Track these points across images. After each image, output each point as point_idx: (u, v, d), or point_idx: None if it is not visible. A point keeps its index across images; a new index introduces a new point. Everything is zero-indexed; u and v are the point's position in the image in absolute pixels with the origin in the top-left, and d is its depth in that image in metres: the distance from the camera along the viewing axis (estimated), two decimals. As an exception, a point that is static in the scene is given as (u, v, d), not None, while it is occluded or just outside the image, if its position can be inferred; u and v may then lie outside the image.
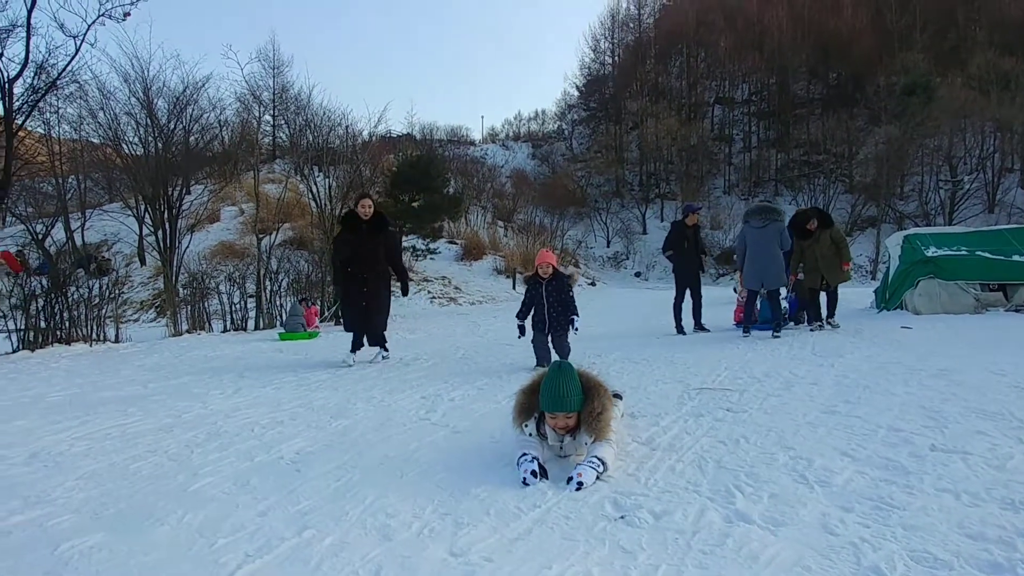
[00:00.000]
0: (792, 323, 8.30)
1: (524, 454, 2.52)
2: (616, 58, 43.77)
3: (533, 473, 2.40)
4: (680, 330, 8.00)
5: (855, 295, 7.30)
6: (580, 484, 2.31)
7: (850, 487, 2.22)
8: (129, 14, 7.47)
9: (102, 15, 7.44)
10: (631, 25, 44.22)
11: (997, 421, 2.99)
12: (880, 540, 1.78)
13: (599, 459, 2.43)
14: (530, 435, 2.64)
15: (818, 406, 3.50)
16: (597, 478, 2.37)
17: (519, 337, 5.68)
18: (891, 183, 29.95)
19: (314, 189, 18.66)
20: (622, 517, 2.03)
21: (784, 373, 4.62)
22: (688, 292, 8.23)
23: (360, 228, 6.05)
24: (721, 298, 15.15)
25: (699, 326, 8.14)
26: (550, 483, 2.35)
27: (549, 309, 5.37)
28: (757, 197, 33.15)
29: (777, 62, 37.32)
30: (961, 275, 9.34)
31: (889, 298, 10.00)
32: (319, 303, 11.87)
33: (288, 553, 1.85)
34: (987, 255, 9.57)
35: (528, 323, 5.55)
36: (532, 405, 2.67)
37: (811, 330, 7.43)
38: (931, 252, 9.69)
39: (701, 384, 4.34)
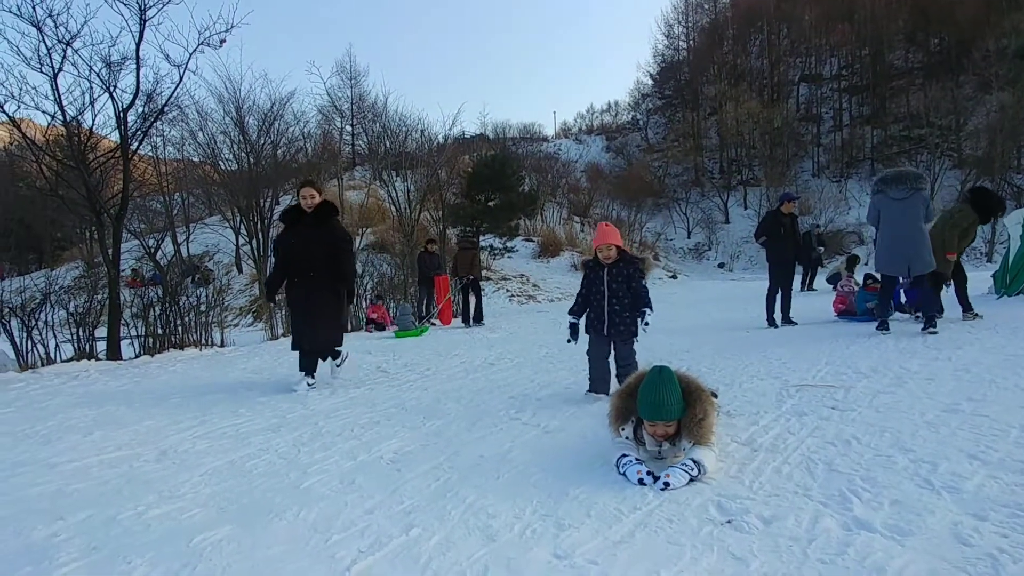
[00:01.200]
0: (913, 316, 7.25)
1: (625, 455, 2.49)
2: (691, 42, 42.41)
3: (650, 474, 2.35)
4: (772, 323, 7.66)
5: (970, 280, 6.67)
6: (666, 484, 2.27)
7: (982, 493, 2.05)
8: (224, 40, 7.99)
9: (201, 43, 8.00)
10: (706, 6, 42.71)
11: None
12: (1021, 551, 1.64)
13: (695, 462, 2.37)
14: (627, 439, 2.61)
15: (938, 404, 3.25)
16: (690, 481, 2.31)
17: (569, 341, 4.37)
18: (1006, 155, 27.30)
19: (393, 194, 19.36)
20: (729, 521, 1.97)
21: (894, 368, 4.32)
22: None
23: (300, 223, 5.11)
24: (816, 287, 14.38)
25: (787, 319, 7.76)
26: (649, 485, 2.32)
27: (611, 301, 4.10)
28: (852, 177, 31.18)
29: (870, 31, 34.87)
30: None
31: (1011, 283, 9.12)
32: (391, 305, 12.26)
33: (398, 550, 1.93)
34: None
35: (583, 324, 4.31)
36: (629, 409, 2.62)
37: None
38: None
39: (801, 380, 4.14)
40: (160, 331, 8.52)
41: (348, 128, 32.19)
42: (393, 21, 78.52)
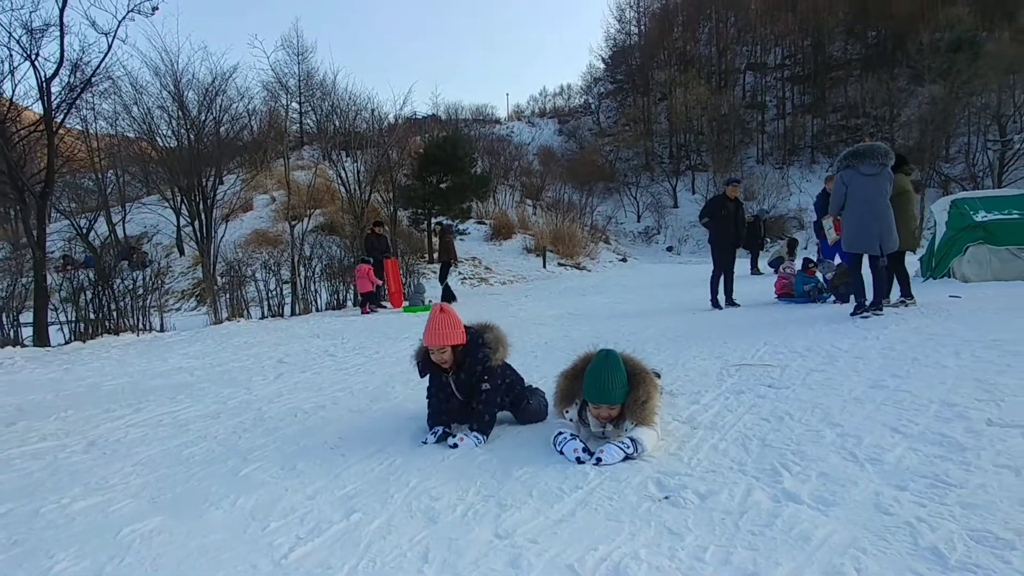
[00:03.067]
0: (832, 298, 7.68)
1: (560, 432, 2.54)
2: (642, 27, 42.70)
3: (586, 450, 2.41)
4: (716, 304, 7.90)
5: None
6: (599, 460, 2.33)
7: (903, 465, 2.16)
8: (157, 8, 7.55)
9: (131, 10, 7.55)
10: (657, -8, 42.98)
11: (1058, 393, 2.86)
12: (938, 519, 1.73)
13: (632, 440, 2.41)
14: (570, 420, 2.64)
15: (865, 381, 3.40)
16: (625, 458, 2.36)
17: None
18: (936, 145, 28.70)
19: (343, 174, 18.87)
20: (666, 498, 2.01)
21: (826, 347, 4.50)
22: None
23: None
24: (761, 271, 14.87)
25: (731, 301, 7.99)
26: (593, 464, 2.35)
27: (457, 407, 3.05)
28: (794, 164, 32.21)
29: (812, 23, 35.89)
30: (1013, 240, 8.92)
31: (936, 266, 9.64)
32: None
33: (338, 536, 1.90)
34: (1041, 218, 9.13)
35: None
36: (574, 391, 2.66)
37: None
38: (980, 217, 9.28)
39: (740, 360, 4.27)
40: (92, 316, 8.10)
41: (295, 106, 31.16)
42: (342, -5, 75.93)
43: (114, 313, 8.41)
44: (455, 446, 2.68)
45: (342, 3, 77.01)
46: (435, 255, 12.43)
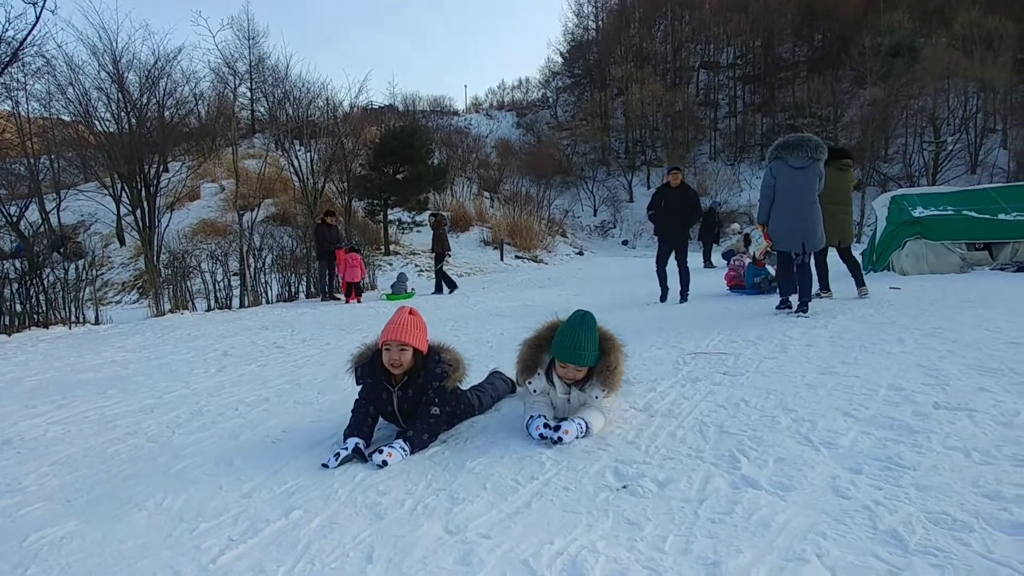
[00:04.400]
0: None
1: (532, 417, 2.48)
2: (600, 23, 42.98)
3: (547, 426, 2.39)
4: (664, 294, 7.61)
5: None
6: (560, 439, 2.34)
7: (857, 448, 2.15)
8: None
9: (62, -21, 7.00)
10: (614, -12, 43.30)
11: (998, 377, 2.93)
12: (895, 502, 1.70)
13: (584, 421, 2.43)
14: (534, 391, 2.57)
15: (816, 367, 3.43)
16: (577, 438, 2.38)
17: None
18: (876, 145, 29.89)
19: (295, 163, 18.28)
20: (624, 487, 1.94)
21: (778, 336, 4.55)
22: (674, 257, 7.61)
23: None
24: (713, 264, 15.14)
25: (684, 298, 7.52)
26: (550, 454, 2.26)
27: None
28: (745, 161, 33.03)
29: (763, 24, 36.82)
30: (948, 235, 9.33)
31: (876, 260, 10.00)
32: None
33: (274, 536, 1.75)
34: (973, 214, 9.56)
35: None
36: (537, 360, 2.60)
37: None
38: (918, 212, 9.66)
39: (695, 349, 4.26)
40: (19, 308, 7.56)
41: (245, 91, 30.06)
42: (295, -20, 73.55)
43: (44, 305, 7.87)
44: (384, 464, 2.23)
45: (295, -11, 74.67)
46: (431, 246, 13.02)
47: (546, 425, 2.39)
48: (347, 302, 10.92)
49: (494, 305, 8.91)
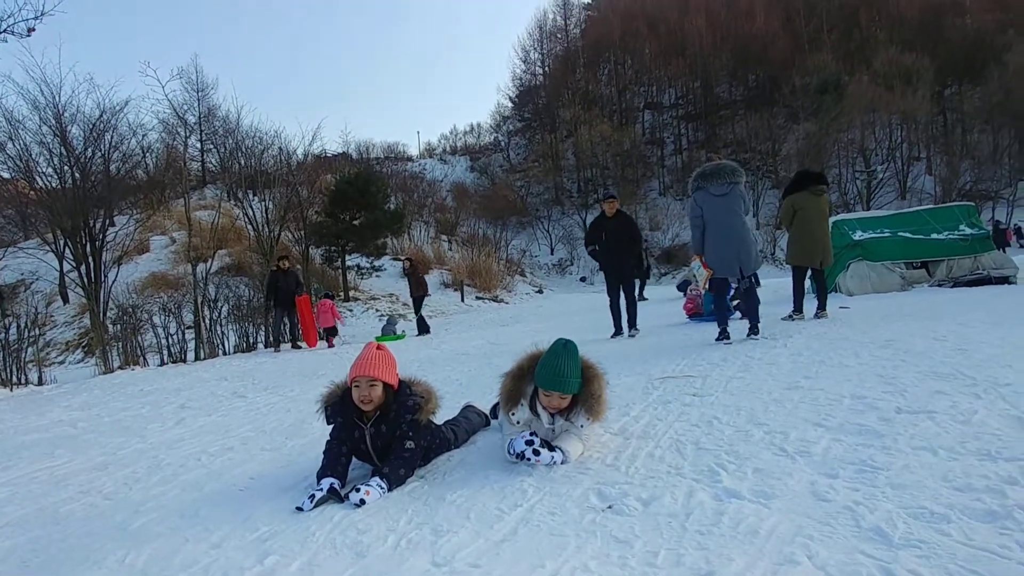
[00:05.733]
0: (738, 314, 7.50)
1: (511, 439, 2.45)
2: (547, 68, 44.58)
3: (533, 433, 2.40)
4: (618, 330, 7.29)
5: (787, 282, 7.49)
6: (536, 452, 2.36)
7: (830, 454, 2.20)
8: (34, 29, 6.89)
9: (3, 31, 6.85)
10: (558, 36, 45.22)
11: (951, 381, 3.06)
12: (873, 501, 1.74)
13: (563, 451, 2.42)
14: (517, 422, 2.54)
15: (780, 383, 3.50)
16: (552, 462, 2.37)
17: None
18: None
19: (250, 212, 17.98)
20: (610, 507, 1.92)
21: (740, 357, 4.65)
22: (621, 291, 7.28)
23: None
24: (666, 295, 15.47)
25: (633, 325, 7.24)
26: (531, 481, 2.22)
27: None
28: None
29: (700, 66, 38.85)
30: (887, 255, 9.81)
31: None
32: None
33: (250, 584, 1.65)
34: (908, 235, 10.10)
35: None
36: (520, 390, 2.57)
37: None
38: (858, 236, 10.14)
39: (663, 373, 4.30)
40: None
41: (196, 143, 29.65)
42: (245, 22, 73.94)
43: (-19, 367, 7.42)
44: (362, 503, 2.16)
45: (245, 30, 75.00)
46: (410, 290, 13.51)
47: (532, 434, 2.39)
48: (329, 346, 11.05)
49: (459, 345, 8.85)
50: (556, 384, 2.46)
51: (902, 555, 1.44)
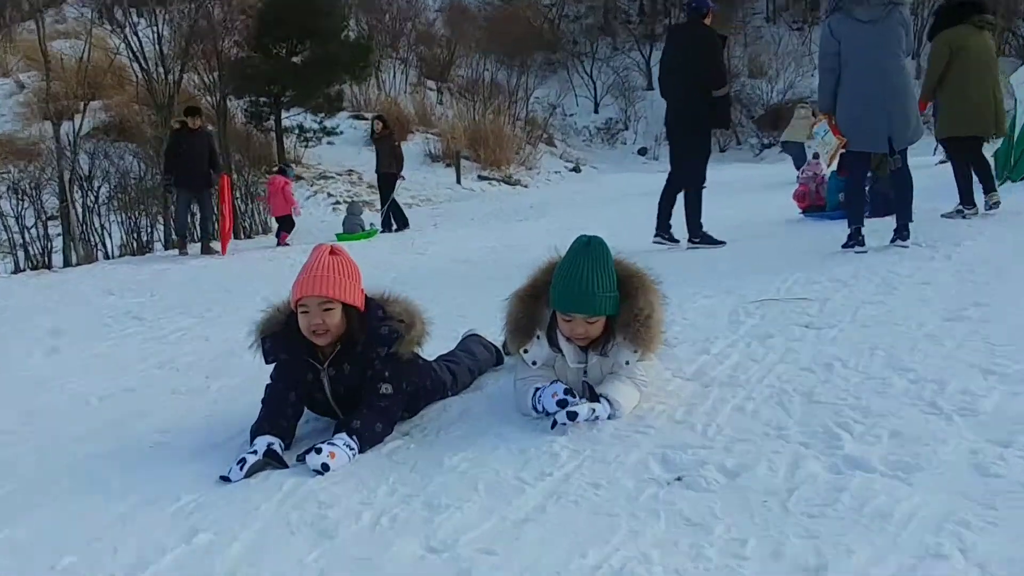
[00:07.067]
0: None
1: (537, 388, 2.49)
2: None
3: (562, 403, 2.38)
4: (663, 237, 7.12)
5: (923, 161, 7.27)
6: (573, 415, 2.35)
7: (1003, 414, 2.28)
8: None
9: None
10: None
11: None
12: (1062, 479, 1.82)
13: (608, 400, 2.45)
14: (533, 363, 2.58)
15: (938, 312, 3.56)
16: (596, 419, 2.40)
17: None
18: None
19: (135, 43, 17.75)
20: (679, 479, 2.03)
21: (880, 272, 4.69)
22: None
23: None
24: (767, 177, 15.30)
25: (697, 238, 6.93)
26: (565, 442, 2.33)
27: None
28: (819, 24, 33.03)
29: None
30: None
31: (1016, 164, 10.18)
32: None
33: (176, 566, 1.81)
34: None
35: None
36: (534, 318, 2.61)
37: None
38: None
39: (761, 294, 4.37)
40: None
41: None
42: None
43: None
44: (325, 468, 2.24)
45: None
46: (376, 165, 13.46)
47: (567, 390, 2.42)
48: (278, 244, 11.46)
49: (453, 248, 8.96)
50: (578, 303, 2.47)
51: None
